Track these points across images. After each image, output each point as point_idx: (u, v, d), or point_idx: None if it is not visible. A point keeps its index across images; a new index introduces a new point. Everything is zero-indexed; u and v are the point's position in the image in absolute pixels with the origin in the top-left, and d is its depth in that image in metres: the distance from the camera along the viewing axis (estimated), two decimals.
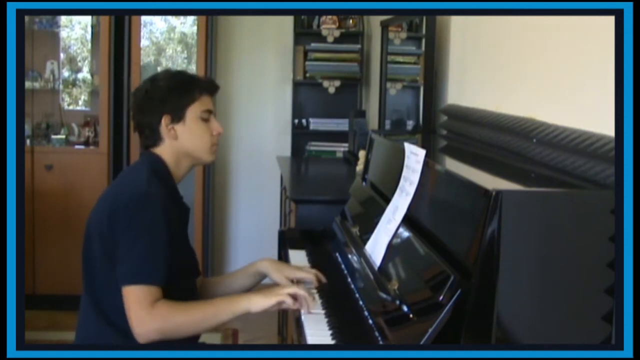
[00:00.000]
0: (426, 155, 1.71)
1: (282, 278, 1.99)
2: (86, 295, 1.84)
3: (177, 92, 1.87)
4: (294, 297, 1.75)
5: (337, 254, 2.19)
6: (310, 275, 1.99)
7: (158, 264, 1.71)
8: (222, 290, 2.08)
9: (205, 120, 1.90)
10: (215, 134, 1.92)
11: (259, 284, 2.09)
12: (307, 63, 4.51)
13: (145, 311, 1.66)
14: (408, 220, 1.72)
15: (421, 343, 1.31)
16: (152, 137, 1.90)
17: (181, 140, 1.88)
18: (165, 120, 1.87)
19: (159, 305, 1.68)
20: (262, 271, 2.05)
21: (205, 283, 2.12)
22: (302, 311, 1.75)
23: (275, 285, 1.93)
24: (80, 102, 4.73)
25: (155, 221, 1.73)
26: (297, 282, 1.98)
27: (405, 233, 1.71)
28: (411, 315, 1.45)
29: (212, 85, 1.96)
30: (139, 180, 1.80)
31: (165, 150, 1.89)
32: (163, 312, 1.68)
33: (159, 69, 4.84)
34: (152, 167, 1.86)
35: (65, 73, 4.50)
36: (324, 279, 1.99)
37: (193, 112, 1.88)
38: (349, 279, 1.96)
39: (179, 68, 4.90)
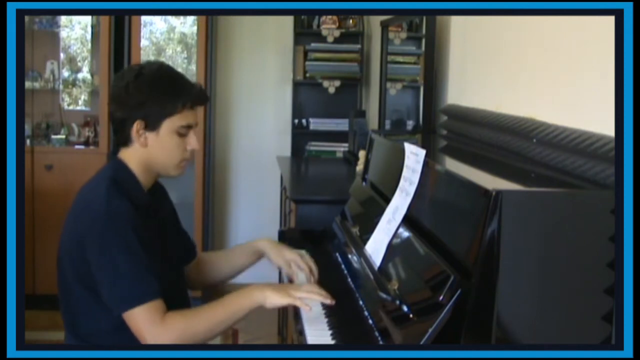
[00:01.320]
0: (426, 155, 1.71)
1: (282, 261, 2.01)
2: (65, 321, 1.80)
3: (159, 100, 1.72)
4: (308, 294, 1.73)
5: (337, 254, 2.19)
6: (305, 266, 1.99)
7: (148, 278, 1.65)
8: (223, 268, 2.08)
9: (182, 135, 1.76)
10: (189, 149, 1.78)
11: (257, 262, 2.10)
12: (307, 63, 4.51)
13: (160, 328, 1.62)
14: (408, 220, 1.72)
15: (421, 343, 1.30)
16: (121, 136, 1.77)
17: (150, 150, 1.76)
18: (137, 125, 1.73)
19: (170, 317, 1.64)
20: (261, 250, 2.06)
21: (206, 259, 2.11)
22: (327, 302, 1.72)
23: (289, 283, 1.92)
24: (80, 102, 4.73)
25: (126, 237, 1.64)
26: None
27: (405, 233, 1.71)
28: (411, 315, 1.45)
29: (201, 97, 1.79)
30: (98, 199, 1.69)
31: (132, 154, 1.78)
32: (177, 323, 1.64)
33: None
34: (113, 177, 1.74)
35: (65, 73, 4.50)
36: (315, 275, 1.99)
37: (170, 124, 1.74)
38: (349, 279, 1.96)
39: (179, 68, 4.89)
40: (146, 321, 1.63)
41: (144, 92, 1.72)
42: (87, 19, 4.54)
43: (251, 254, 2.08)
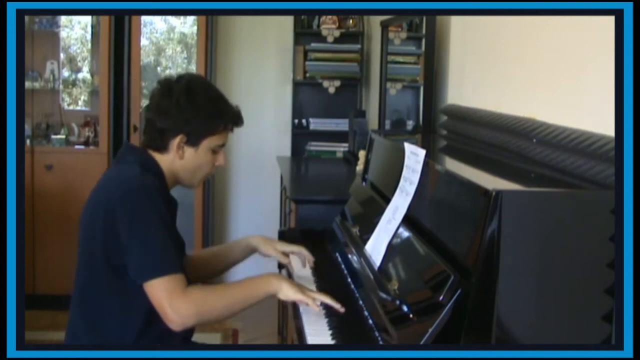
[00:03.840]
0: (426, 155, 1.71)
1: (273, 251, 2.08)
2: (75, 304, 1.81)
3: (206, 120, 1.82)
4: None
5: (337, 254, 2.19)
6: (298, 249, 2.10)
7: (174, 251, 1.71)
8: (215, 265, 2.14)
9: (215, 153, 1.87)
10: (217, 165, 1.90)
11: (248, 257, 2.15)
12: (307, 63, 4.51)
13: (180, 299, 1.65)
14: (408, 220, 1.72)
15: (421, 343, 1.31)
16: (158, 143, 1.84)
17: (185, 163, 1.84)
18: (180, 139, 1.81)
19: (191, 290, 1.68)
20: (253, 245, 2.11)
21: (198, 256, 2.14)
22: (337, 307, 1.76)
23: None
24: (80, 102, 4.73)
25: (158, 210, 1.70)
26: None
27: (405, 233, 1.71)
28: (411, 315, 1.45)
29: (239, 121, 1.91)
30: (131, 174, 1.76)
31: (164, 161, 1.84)
32: (197, 296, 1.67)
33: (159, 69, 4.84)
34: (142, 163, 1.81)
35: (65, 73, 4.50)
36: (310, 259, 2.10)
37: (209, 143, 1.84)
38: (349, 279, 1.96)
39: (178, 68, 4.91)
40: (168, 292, 1.65)
41: (194, 110, 1.80)
42: (87, 19, 4.54)
43: (242, 249, 2.13)
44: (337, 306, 1.73)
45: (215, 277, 2.19)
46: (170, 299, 1.65)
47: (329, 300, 1.74)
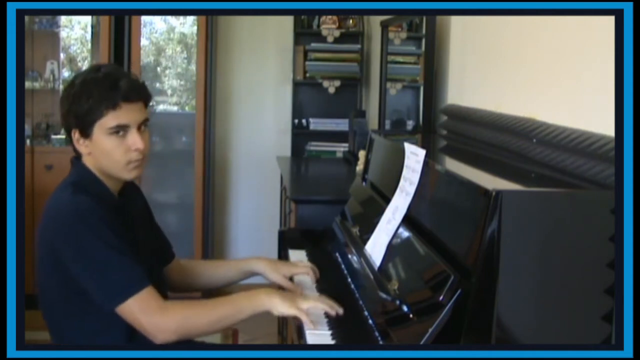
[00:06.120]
0: (426, 155, 1.71)
1: (280, 278, 2.00)
2: (51, 329, 1.79)
3: (80, 106, 1.66)
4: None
5: (337, 254, 2.19)
6: (305, 270, 2.02)
7: (131, 266, 1.62)
8: (209, 279, 2.06)
9: (119, 136, 1.68)
10: (134, 149, 1.69)
11: (247, 279, 2.08)
12: (307, 63, 4.51)
13: (157, 315, 1.61)
14: (408, 220, 1.72)
15: (421, 343, 1.31)
16: (74, 148, 1.75)
17: (94, 157, 1.72)
18: (74, 135, 1.71)
19: (171, 306, 1.63)
20: (258, 272, 2.04)
21: (191, 266, 2.09)
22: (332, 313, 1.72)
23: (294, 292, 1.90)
24: None
25: (99, 232, 1.61)
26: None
27: (405, 233, 1.71)
28: (411, 315, 1.45)
29: (126, 95, 1.66)
30: (62, 202, 1.68)
31: (87, 163, 1.75)
32: (178, 312, 1.63)
33: (159, 69, 4.84)
34: (76, 182, 1.72)
35: (65, 73, 4.50)
36: (317, 274, 2.02)
37: (100, 128, 1.67)
38: (349, 279, 1.96)
39: (178, 68, 4.91)
40: (141, 311, 1.61)
41: (69, 101, 1.69)
42: (87, 19, 4.54)
43: (243, 271, 2.05)
44: (332, 312, 1.69)
45: (205, 290, 2.12)
46: (147, 317, 1.60)
47: (326, 307, 1.70)
